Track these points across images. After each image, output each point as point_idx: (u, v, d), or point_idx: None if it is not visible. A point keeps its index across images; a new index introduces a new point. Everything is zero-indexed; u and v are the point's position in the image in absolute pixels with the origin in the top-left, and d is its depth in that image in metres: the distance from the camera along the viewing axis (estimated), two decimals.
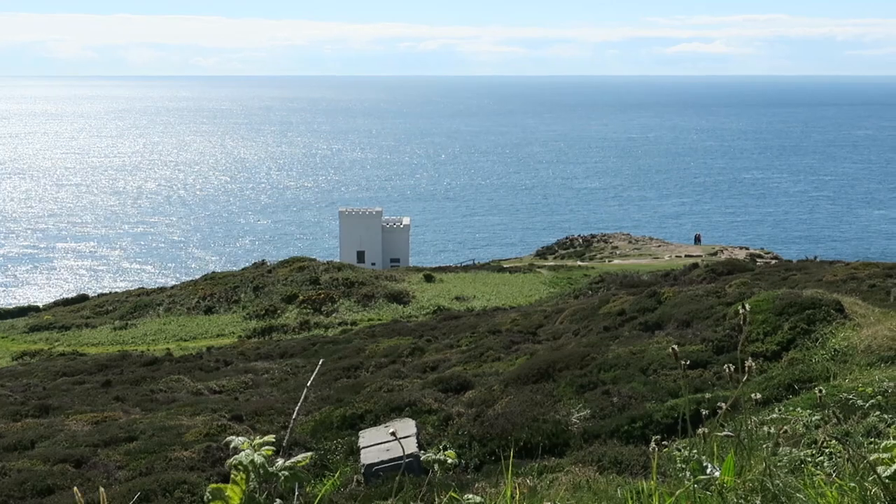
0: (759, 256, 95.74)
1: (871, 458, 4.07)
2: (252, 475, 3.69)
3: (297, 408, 5.71)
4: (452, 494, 5.11)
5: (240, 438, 3.84)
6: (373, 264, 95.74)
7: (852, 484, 4.18)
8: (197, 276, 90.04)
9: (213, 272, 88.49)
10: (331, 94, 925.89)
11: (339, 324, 63.18)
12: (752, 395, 6.91)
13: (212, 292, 73.30)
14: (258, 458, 3.70)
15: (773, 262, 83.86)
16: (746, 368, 5.33)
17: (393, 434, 5.84)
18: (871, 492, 4.06)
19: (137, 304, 74.11)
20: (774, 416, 14.93)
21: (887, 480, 3.97)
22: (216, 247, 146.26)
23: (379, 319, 63.05)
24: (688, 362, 23.22)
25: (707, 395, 18.43)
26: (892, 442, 4.14)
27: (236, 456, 3.73)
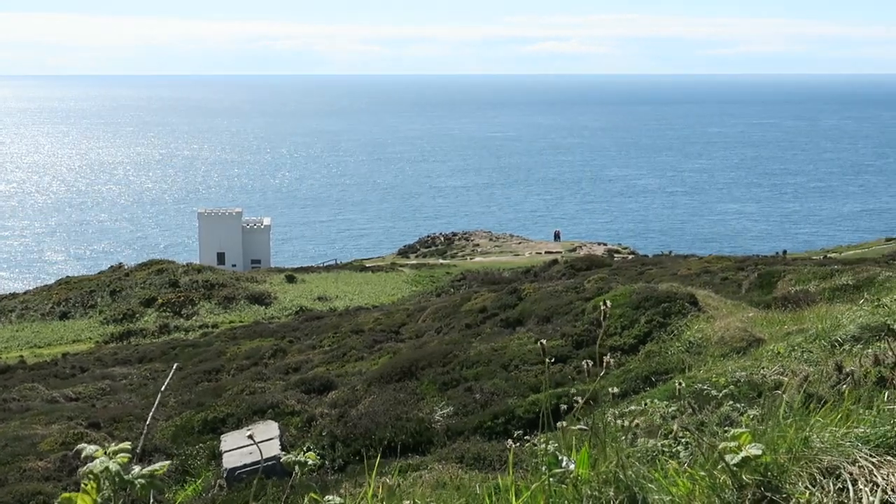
0: (617, 252, 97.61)
1: (720, 447, 4.14)
2: (105, 483, 3.58)
3: (150, 413, 5.57)
4: (313, 496, 5.05)
5: (91, 447, 3.72)
6: (233, 266, 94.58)
7: (702, 472, 4.25)
8: (51, 281, 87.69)
9: (69, 277, 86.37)
10: (189, 93, 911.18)
11: (200, 326, 62.27)
12: (610, 389, 7.02)
13: (67, 297, 71.44)
14: (113, 466, 3.59)
15: (630, 257, 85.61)
16: (605, 364, 5.39)
17: (251, 437, 5.75)
18: (720, 479, 4.12)
19: None
20: (632, 408, 15.20)
21: (735, 468, 4.04)
22: (71, 250, 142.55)
23: (240, 321, 62.35)
24: (553, 359, 23.55)
25: (570, 390, 18.67)
26: (740, 430, 4.22)
27: (90, 465, 3.61)
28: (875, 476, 3.77)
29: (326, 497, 4.94)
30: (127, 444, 3.71)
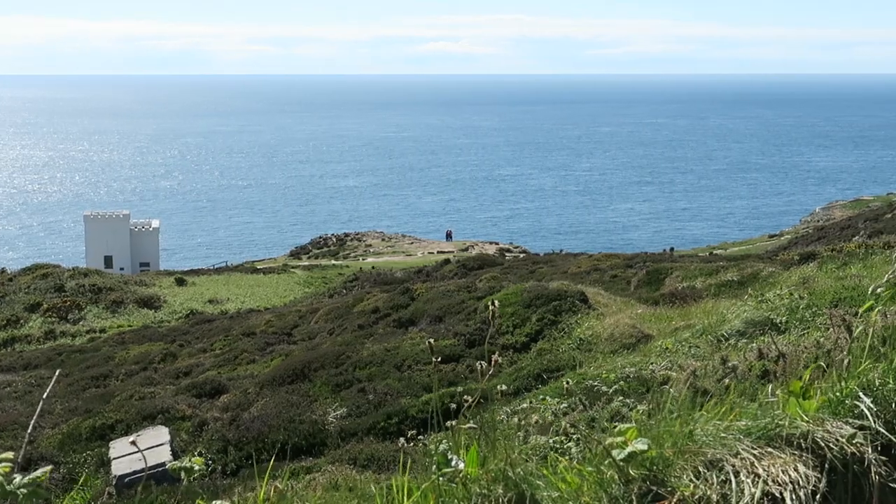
0: (508, 251, 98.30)
1: (607, 442, 4.16)
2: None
3: (31, 421, 5.41)
4: (200, 502, 4.95)
5: None
6: (121, 269, 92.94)
7: (590, 468, 4.26)
8: None
9: None
10: (73, 93, 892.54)
11: (87, 332, 60.98)
12: (499, 387, 7.04)
13: None
14: None
15: (522, 255, 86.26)
16: (493, 362, 5.39)
17: (133, 443, 5.63)
18: (607, 474, 4.14)
19: None
20: (524, 406, 15.30)
21: (621, 463, 4.05)
22: None
23: (129, 326, 61.24)
24: (439, 358, 23.63)
25: (459, 389, 18.74)
26: (626, 426, 4.24)
27: None
28: (756, 468, 3.82)
29: (215, 502, 4.84)
30: (9, 454, 3.60)
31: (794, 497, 3.72)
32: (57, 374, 6.75)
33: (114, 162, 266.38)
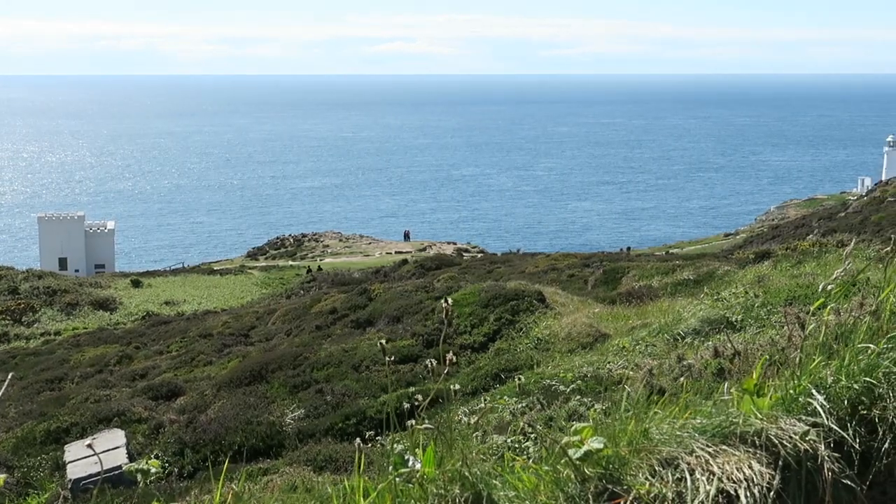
0: (466, 251, 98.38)
1: (563, 442, 4.15)
2: None
3: None
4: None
5: None
6: (76, 271, 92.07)
7: (546, 467, 4.26)
8: None
9: None
10: (26, 94, 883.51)
11: (42, 334, 60.42)
12: (454, 387, 7.02)
13: None
14: None
15: (479, 255, 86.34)
16: (448, 361, 5.37)
17: (90, 447, 5.56)
18: (563, 474, 4.13)
19: None
20: (482, 405, 15.30)
21: (577, 462, 4.05)
22: None
23: (84, 328, 60.73)
24: (393, 358, 23.70)
25: (413, 390, 18.72)
26: (582, 425, 4.24)
27: None
28: (711, 465, 3.83)
29: None
30: None
31: (748, 494, 3.73)
32: (10, 377, 6.66)
33: (68, 163, 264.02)
